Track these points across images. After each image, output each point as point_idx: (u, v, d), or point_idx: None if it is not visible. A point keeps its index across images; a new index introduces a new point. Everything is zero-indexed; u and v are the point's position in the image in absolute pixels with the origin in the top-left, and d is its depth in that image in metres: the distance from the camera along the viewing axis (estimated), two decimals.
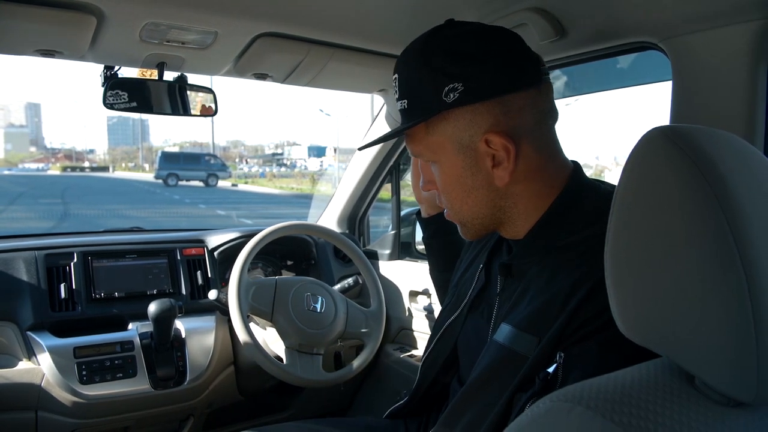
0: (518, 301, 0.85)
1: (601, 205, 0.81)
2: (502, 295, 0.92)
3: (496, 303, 0.92)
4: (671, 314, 0.51)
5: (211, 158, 30.69)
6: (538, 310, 0.79)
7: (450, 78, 0.80)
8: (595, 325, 0.72)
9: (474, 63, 0.80)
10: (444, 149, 0.84)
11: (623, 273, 0.56)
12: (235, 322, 1.56)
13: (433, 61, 0.81)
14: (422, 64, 0.82)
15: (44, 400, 1.52)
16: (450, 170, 0.85)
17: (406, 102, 0.84)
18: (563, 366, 0.72)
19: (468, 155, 0.83)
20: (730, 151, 0.54)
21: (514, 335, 0.81)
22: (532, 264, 0.86)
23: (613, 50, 1.14)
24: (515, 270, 0.89)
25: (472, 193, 0.86)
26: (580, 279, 0.76)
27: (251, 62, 1.42)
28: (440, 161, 0.85)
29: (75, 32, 1.19)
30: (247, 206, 18.10)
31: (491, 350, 0.84)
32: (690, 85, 0.99)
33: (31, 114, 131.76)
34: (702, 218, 0.49)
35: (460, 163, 0.84)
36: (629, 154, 0.56)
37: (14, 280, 1.62)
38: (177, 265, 1.84)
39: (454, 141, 0.83)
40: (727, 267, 0.48)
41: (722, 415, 0.50)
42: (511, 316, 0.84)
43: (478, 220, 0.88)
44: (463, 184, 0.85)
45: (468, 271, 1.06)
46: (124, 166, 63.63)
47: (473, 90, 0.79)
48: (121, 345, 1.61)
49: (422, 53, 0.83)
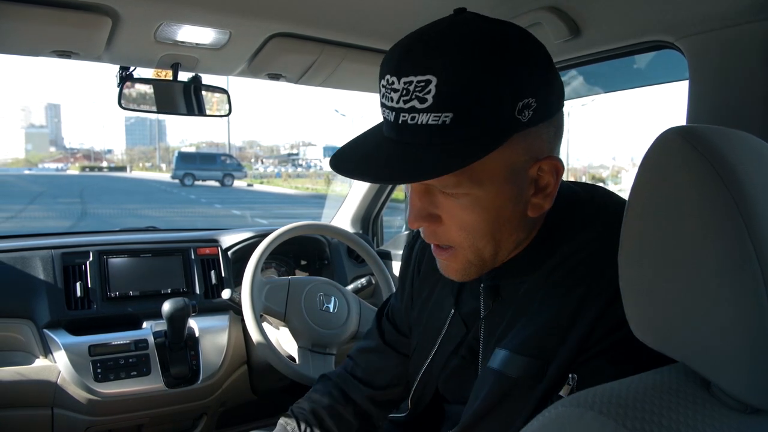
0: (512, 324, 0.76)
1: (585, 211, 0.76)
2: (489, 320, 0.81)
3: (482, 330, 0.82)
4: (687, 318, 0.50)
5: (227, 158, 30.91)
6: (538, 331, 0.71)
7: (526, 91, 0.64)
8: (610, 342, 0.66)
9: (542, 73, 0.67)
10: (493, 179, 0.67)
11: (637, 276, 0.55)
12: (249, 321, 1.57)
13: (509, 68, 0.63)
14: (496, 64, 0.63)
15: (60, 398, 1.54)
16: (491, 203, 0.68)
17: (451, 116, 0.62)
18: (577, 389, 0.66)
19: (516, 184, 0.69)
20: (748, 152, 0.53)
21: (512, 360, 0.72)
22: (522, 282, 0.77)
23: (629, 49, 1.13)
24: (504, 291, 0.79)
25: (504, 226, 0.71)
26: (589, 294, 0.69)
27: (265, 62, 1.42)
28: (480, 194, 0.68)
29: (90, 33, 1.21)
30: (262, 206, 18.20)
31: (489, 379, 0.74)
32: (707, 84, 0.98)
33: (51, 114, 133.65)
34: (718, 220, 0.48)
35: (507, 194, 0.69)
36: (644, 154, 0.55)
37: (31, 279, 1.64)
38: (191, 265, 1.85)
39: (508, 168, 0.67)
40: (744, 270, 0.47)
41: (738, 422, 0.49)
42: (506, 341, 0.75)
43: (492, 257, 0.74)
44: (499, 216, 0.70)
45: (427, 306, 0.93)
46: (141, 166, 64.34)
47: (543, 107, 0.66)
48: (135, 343, 1.62)
49: (493, 53, 0.63)
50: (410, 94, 0.63)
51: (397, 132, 0.65)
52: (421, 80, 0.62)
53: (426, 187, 0.70)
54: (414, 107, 0.63)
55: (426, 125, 0.63)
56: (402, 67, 0.64)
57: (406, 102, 0.63)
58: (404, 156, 0.65)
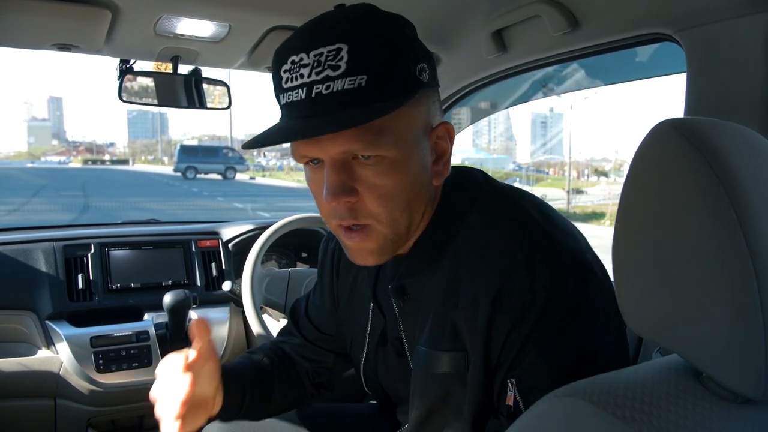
0: (425, 321, 0.78)
1: (469, 189, 0.78)
2: (404, 320, 0.83)
3: (402, 330, 0.84)
4: (679, 310, 0.51)
5: (229, 151, 30.88)
6: (447, 326, 0.74)
7: (420, 57, 0.70)
8: (525, 334, 0.68)
9: (424, 46, 0.73)
10: (405, 139, 0.70)
11: (630, 268, 0.55)
12: (249, 313, 1.58)
13: (405, 35, 0.70)
14: (390, 29, 0.68)
15: (62, 388, 1.56)
16: (405, 167, 0.70)
17: (365, 79, 0.65)
18: (520, 393, 0.68)
19: (421, 148, 0.72)
20: (742, 144, 0.53)
21: (434, 357, 0.75)
22: (426, 278, 0.78)
23: (627, 42, 1.12)
24: (410, 289, 0.81)
25: (417, 196, 0.73)
26: (485, 284, 0.71)
27: (265, 55, 1.43)
28: (395, 155, 0.69)
29: (90, 26, 1.21)
30: (264, 199, 18.23)
31: (419, 379, 0.77)
32: (705, 77, 0.98)
33: (53, 107, 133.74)
34: (711, 213, 0.48)
35: (417, 157, 0.72)
36: (638, 146, 0.56)
37: (34, 271, 1.65)
38: (192, 257, 1.86)
39: (414, 129, 0.71)
40: (735, 262, 0.47)
41: (729, 412, 0.50)
42: (423, 339, 0.77)
43: (406, 230, 0.75)
44: (414, 184, 0.72)
45: (352, 302, 0.95)
46: (143, 159, 64.43)
47: (433, 73, 0.73)
48: (136, 335, 1.63)
49: (391, 21, 0.70)
50: (322, 65, 0.65)
51: (312, 105, 0.66)
52: (331, 50, 0.65)
53: (342, 160, 0.69)
54: (328, 76, 0.65)
55: (341, 91, 0.65)
56: (309, 42, 0.66)
57: (318, 73, 0.65)
58: (323, 120, 0.66)
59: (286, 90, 0.69)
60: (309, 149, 0.70)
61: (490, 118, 74.75)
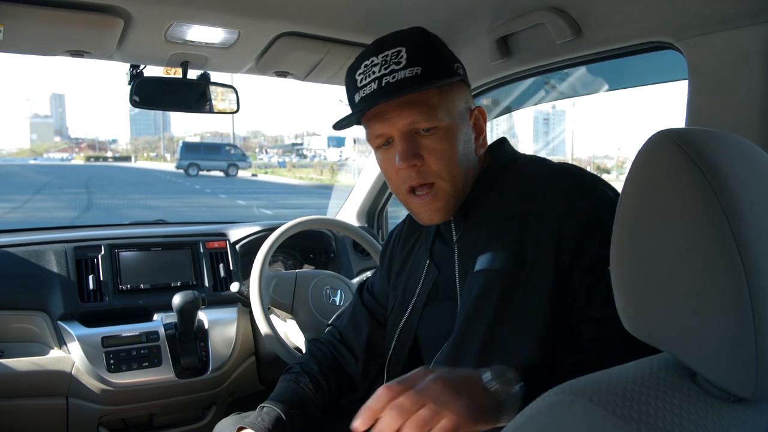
0: (486, 239, 0.94)
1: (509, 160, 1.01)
2: (461, 242, 1.00)
3: (455, 252, 1.00)
4: (674, 312, 0.53)
5: (231, 148, 30.86)
6: (507, 237, 0.90)
7: (455, 59, 0.97)
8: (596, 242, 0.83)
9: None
10: (453, 113, 0.94)
11: (629, 273, 0.57)
12: (257, 314, 1.60)
13: (439, 41, 0.96)
14: (435, 41, 0.95)
15: (74, 387, 1.58)
16: (456, 135, 0.94)
17: (420, 69, 0.90)
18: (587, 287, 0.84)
19: (465, 123, 0.97)
20: (737, 155, 0.55)
21: (492, 258, 0.90)
22: (485, 203, 0.97)
23: (629, 50, 1.14)
24: (472, 214, 0.98)
25: (467, 159, 0.96)
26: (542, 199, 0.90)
27: (273, 61, 1.45)
28: (447, 124, 0.93)
29: (103, 34, 1.24)
30: (267, 196, 18.21)
31: (478, 280, 0.92)
32: (706, 86, 1.00)
33: (55, 104, 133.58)
34: (704, 221, 0.50)
35: (463, 130, 0.95)
36: (635, 155, 0.58)
37: (45, 272, 1.68)
38: (200, 258, 1.88)
39: (458, 107, 0.95)
40: (728, 268, 0.49)
41: (722, 411, 0.52)
42: (481, 246, 0.93)
43: (464, 187, 0.96)
44: (464, 148, 0.95)
45: (404, 271, 1.12)
46: (146, 155, 64.28)
47: (465, 72, 0.98)
48: (146, 335, 1.66)
49: (428, 35, 0.95)
50: (388, 62, 0.91)
51: (382, 91, 0.90)
52: (394, 51, 0.91)
53: (408, 132, 0.92)
54: (393, 69, 0.90)
55: (403, 78, 0.90)
56: (377, 49, 0.93)
57: (386, 68, 0.91)
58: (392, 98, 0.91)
59: (360, 87, 0.93)
60: (382, 127, 0.93)
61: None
